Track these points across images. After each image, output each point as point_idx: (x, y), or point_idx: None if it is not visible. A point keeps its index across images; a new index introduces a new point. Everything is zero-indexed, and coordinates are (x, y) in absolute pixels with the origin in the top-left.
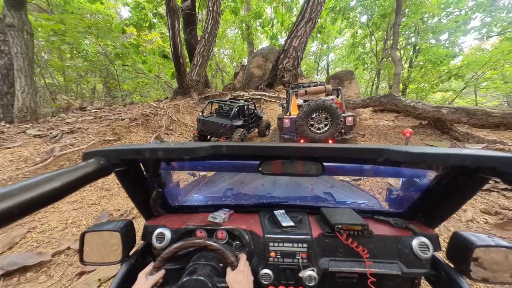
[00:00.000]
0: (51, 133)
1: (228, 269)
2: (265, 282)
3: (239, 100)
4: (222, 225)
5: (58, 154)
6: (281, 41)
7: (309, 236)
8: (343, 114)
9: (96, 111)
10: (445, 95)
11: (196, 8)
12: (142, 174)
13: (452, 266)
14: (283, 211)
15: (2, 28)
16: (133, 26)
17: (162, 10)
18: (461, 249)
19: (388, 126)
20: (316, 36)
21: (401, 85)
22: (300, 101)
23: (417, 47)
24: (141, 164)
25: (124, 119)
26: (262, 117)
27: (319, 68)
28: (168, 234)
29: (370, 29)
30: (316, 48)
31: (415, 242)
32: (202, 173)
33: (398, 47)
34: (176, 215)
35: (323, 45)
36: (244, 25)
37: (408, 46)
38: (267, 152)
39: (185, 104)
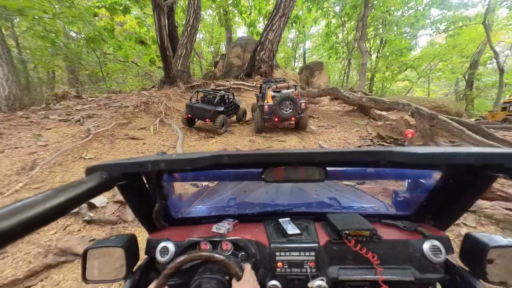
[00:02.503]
0: (73, 117)
1: (233, 281)
2: None
3: (220, 90)
4: (226, 236)
5: (94, 132)
6: (259, 26)
7: (316, 244)
8: (300, 101)
9: (93, 99)
10: (407, 84)
11: None
12: (144, 187)
13: (467, 269)
14: (288, 218)
15: None
16: (106, 9)
17: None
18: (474, 251)
19: (335, 111)
20: (292, 26)
21: (369, 74)
22: (272, 93)
23: (383, 39)
24: (143, 177)
25: (128, 106)
26: (239, 105)
27: (297, 55)
28: (172, 247)
29: (343, 19)
30: (293, 35)
31: (426, 246)
32: (204, 183)
33: (367, 38)
34: (179, 228)
35: (300, 34)
36: (221, 10)
37: (377, 37)
38: (269, 159)
39: (174, 93)
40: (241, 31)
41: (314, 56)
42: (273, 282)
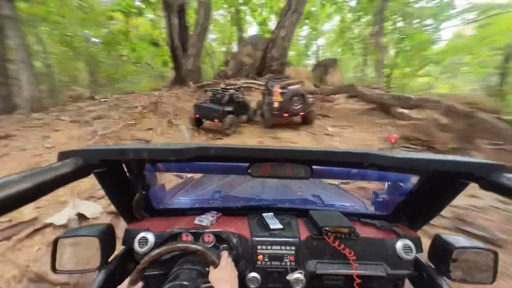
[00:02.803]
0: (83, 118)
1: (211, 268)
2: (252, 286)
3: (229, 89)
4: (209, 228)
5: (101, 133)
6: (271, 25)
7: (297, 239)
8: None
9: (106, 100)
10: (429, 80)
11: None
12: (124, 175)
13: (433, 267)
14: (271, 213)
15: None
16: (121, 12)
17: None
18: (441, 251)
19: (352, 109)
20: (304, 23)
21: (387, 70)
22: (280, 90)
23: (403, 33)
24: (124, 165)
25: (137, 107)
26: (249, 105)
27: (309, 53)
28: (151, 238)
29: (358, 14)
30: (306, 32)
31: (399, 244)
32: (189, 175)
33: (384, 32)
34: (161, 219)
35: (312, 31)
36: (233, 9)
37: (395, 31)
38: (257, 155)
39: (184, 93)
40: (252, 31)
41: (327, 53)
42: (253, 274)
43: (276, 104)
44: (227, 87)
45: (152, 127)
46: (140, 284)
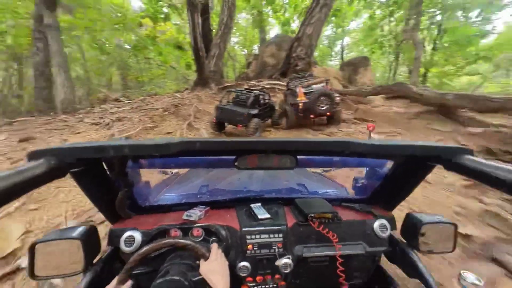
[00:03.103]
0: (103, 121)
1: (201, 261)
2: (243, 275)
3: (254, 90)
4: (197, 223)
5: (117, 137)
6: (293, 26)
7: (284, 226)
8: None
9: (129, 102)
10: (472, 79)
11: None
12: (105, 173)
13: (405, 242)
14: (259, 204)
15: (39, 27)
16: (149, 18)
17: (175, 1)
18: (411, 227)
19: (396, 113)
20: (331, 20)
21: (421, 69)
22: (304, 90)
23: (442, 27)
24: (103, 163)
25: (158, 109)
26: (275, 107)
27: (333, 53)
28: (138, 236)
29: (390, 9)
30: (330, 32)
31: (376, 224)
32: (174, 171)
33: (421, 27)
34: (147, 216)
35: (337, 29)
36: (255, 11)
37: (433, 26)
38: (243, 147)
39: (206, 94)
40: (273, 33)
41: (353, 53)
42: (243, 263)
43: (301, 105)
44: (251, 88)
45: (171, 131)
46: (129, 283)
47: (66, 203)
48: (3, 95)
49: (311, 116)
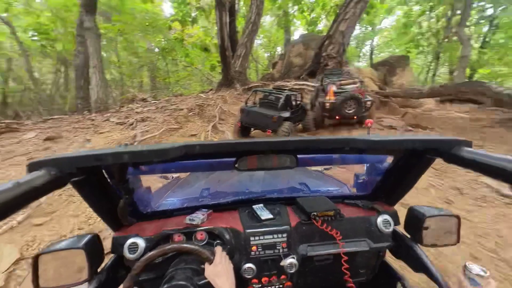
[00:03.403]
0: (128, 121)
1: (206, 265)
2: (248, 276)
3: (284, 90)
4: (200, 226)
5: (140, 139)
6: (319, 27)
7: (288, 226)
8: (364, 99)
9: (155, 102)
10: None
11: None
12: (105, 181)
13: (408, 236)
14: (261, 205)
15: (80, 31)
16: (178, 21)
17: (203, 3)
18: (414, 220)
19: (465, 119)
20: (363, 18)
21: (468, 69)
22: (335, 89)
23: (494, 22)
24: (103, 171)
25: (182, 109)
26: (307, 109)
27: (361, 54)
28: (141, 243)
29: (431, 4)
30: (358, 31)
31: (379, 220)
32: (175, 175)
33: (468, 23)
34: (149, 222)
35: (366, 28)
36: (281, 11)
37: (482, 21)
38: (242, 148)
39: (231, 95)
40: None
41: (382, 53)
42: (248, 265)
43: (328, 105)
44: (280, 88)
45: (195, 133)
46: None
47: (75, 218)
48: (52, 95)
49: (336, 117)
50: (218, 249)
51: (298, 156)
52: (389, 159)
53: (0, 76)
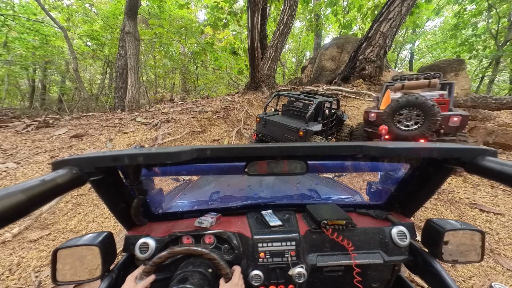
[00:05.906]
0: (153, 121)
1: (222, 281)
2: (256, 284)
3: (315, 95)
4: (209, 230)
5: (160, 142)
6: (354, 29)
7: (297, 234)
8: (449, 113)
9: (181, 103)
10: None
11: (267, 1)
12: (121, 182)
13: (426, 250)
14: (270, 211)
15: (122, 35)
16: (210, 26)
17: (234, 8)
18: (433, 234)
19: None
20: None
21: None
22: (396, 96)
23: None
24: (119, 172)
25: (207, 112)
26: (344, 120)
27: (398, 59)
28: (152, 243)
29: (489, 2)
30: (397, 35)
31: (394, 231)
32: (186, 178)
33: None
34: (160, 223)
35: (407, 31)
36: (313, 15)
37: None
38: (253, 153)
39: (257, 99)
40: (329, 38)
41: (422, 59)
42: (256, 272)
43: (372, 115)
44: (312, 93)
45: (218, 138)
46: (152, 276)
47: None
48: (96, 94)
49: (386, 136)
50: (237, 269)
51: (309, 162)
52: (405, 168)
53: (60, 76)
